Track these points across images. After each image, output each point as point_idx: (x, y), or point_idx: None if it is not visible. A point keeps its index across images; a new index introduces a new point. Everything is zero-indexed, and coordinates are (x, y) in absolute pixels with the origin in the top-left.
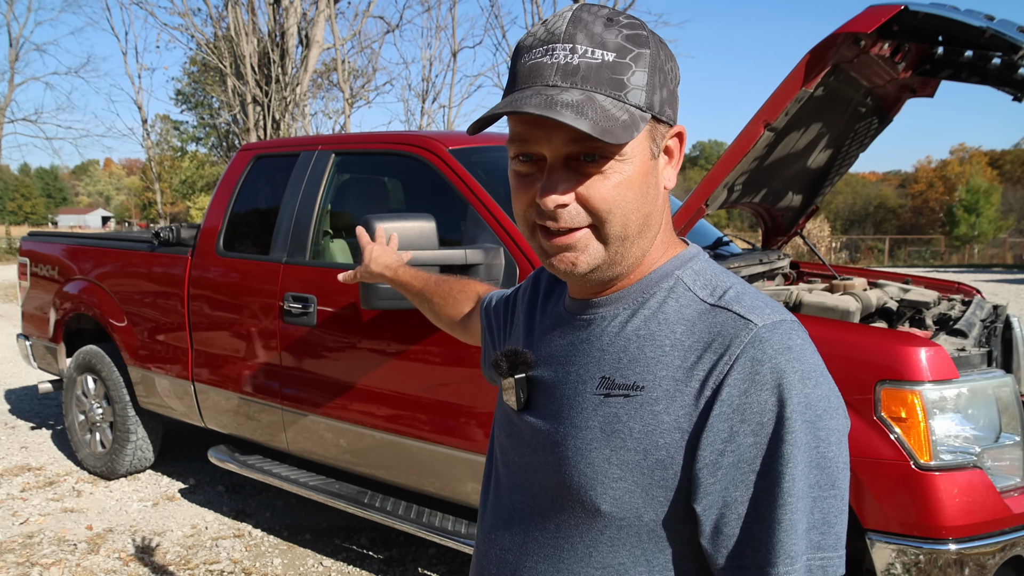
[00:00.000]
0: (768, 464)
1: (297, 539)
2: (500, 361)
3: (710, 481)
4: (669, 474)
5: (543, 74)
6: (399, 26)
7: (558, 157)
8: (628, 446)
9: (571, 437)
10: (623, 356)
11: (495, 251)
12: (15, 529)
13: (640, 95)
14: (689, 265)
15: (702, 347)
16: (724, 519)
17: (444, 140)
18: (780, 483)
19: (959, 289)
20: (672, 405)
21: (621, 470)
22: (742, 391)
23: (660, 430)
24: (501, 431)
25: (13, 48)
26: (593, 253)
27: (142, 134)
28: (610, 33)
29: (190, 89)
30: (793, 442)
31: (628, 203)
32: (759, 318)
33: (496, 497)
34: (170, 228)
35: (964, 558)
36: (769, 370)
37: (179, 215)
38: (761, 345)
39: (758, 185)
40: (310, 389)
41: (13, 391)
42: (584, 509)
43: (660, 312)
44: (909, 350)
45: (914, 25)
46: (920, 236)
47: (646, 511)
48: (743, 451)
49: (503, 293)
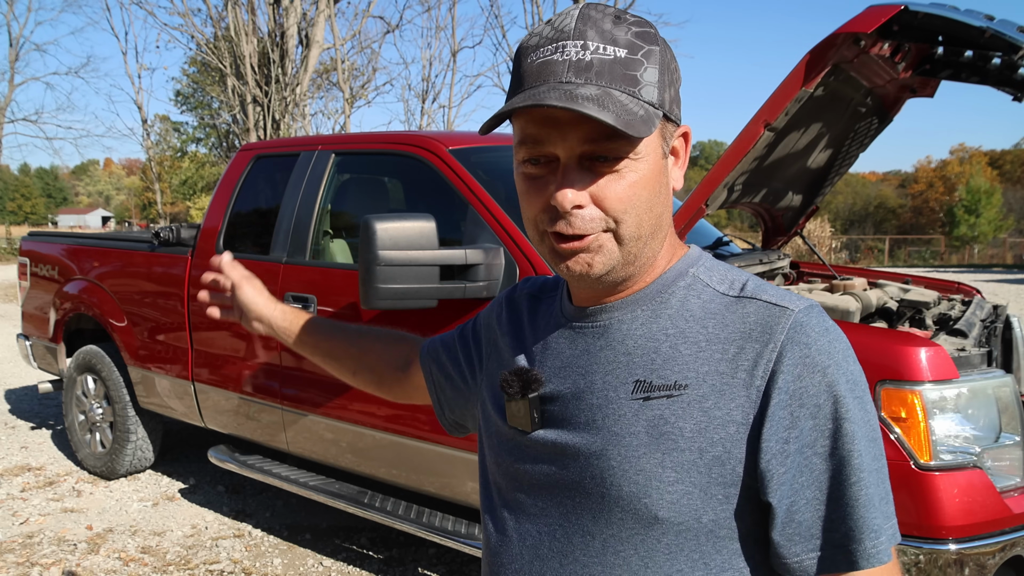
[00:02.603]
0: (834, 445)
1: (297, 539)
2: (510, 383)
3: (780, 471)
4: (727, 469)
5: (555, 71)
6: (399, 26)
7: (572, 157)
8: (681, 447)
9: (613, 446)
10: (655, 357)
11: (495, 251)
12: (15, 529)
13: (653, 92)
14: (700, 263)
15: (740, 337)
16: (796, 506)
17: (444, 140)
18: (851, 461)
19: (959, 289)
20: (722, 399)
21: (676, 472)
22: (796, 376)
23: (713, 426)
24: (507, 457)
25: (13, 48)
26: (608, 254)
27: (142, 134)
28: (620, 30)
29: (189, 90)
30: (852, 419)
31: (642, 203)
32: (791, 304)
33: (517, 527)
34: (170, 228)
35: (964, 558)
36: (817, 352)
37: (179, 215)
38: (804, 329)
39: (758, 185)
40: (310, 389)
41: (13, 391)
42: (637, 519)
43: (685, 309)
44: (909, 350)
45: (914, 25)
46: (920, 236)
47: (705, 511)
48: (805, 435)
49: (446, 336)
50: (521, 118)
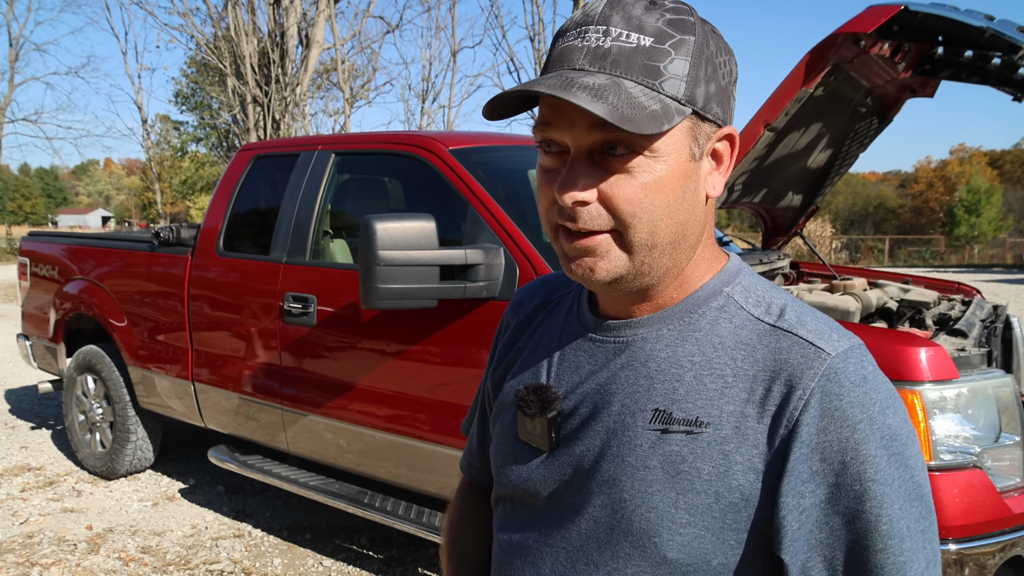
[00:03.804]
0: (858, 507)
1: (297, 539)
2: (528, 402)
3: (795, 527)
4: (742, 516)
5: (571, 57)
6: (399, 26)
7: (581, 148)
8: (697, 488)
9: (626, 477)
10: (678, 386)
11: (495, 251)
12: (15, 529)
13: (679, 86)
14: (737, 281)
15: (768, 377)
16: (811, 563)
17: (444, 140)
18: (878, 527)
19: (959, 289)
20: (744, 444)
21: (690, 515)
22: (820, 428)
23: (733, 471)
24: (514, 471)
25: (13, 48)
26: (614, 261)
27: (142, 134)
28: (650, 16)
29: (189, 90)
30: (883, 480)
31: (657, 207)
32: (829, 345)
33: (522, 541)
34: (170, 228)
35: (964, 558)
36: (848, 404)
37: (179, 215)
38: (837, 378)
39: (758, 185)
40: (310, 389)
41: (13, 391)
42: (645, 557)
43: (714, 335)
44: (909, 350)
45: (914, 25)
46: (920, 236)
47: (715, 555)
48: (824, 492)
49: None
50: (540, 103)
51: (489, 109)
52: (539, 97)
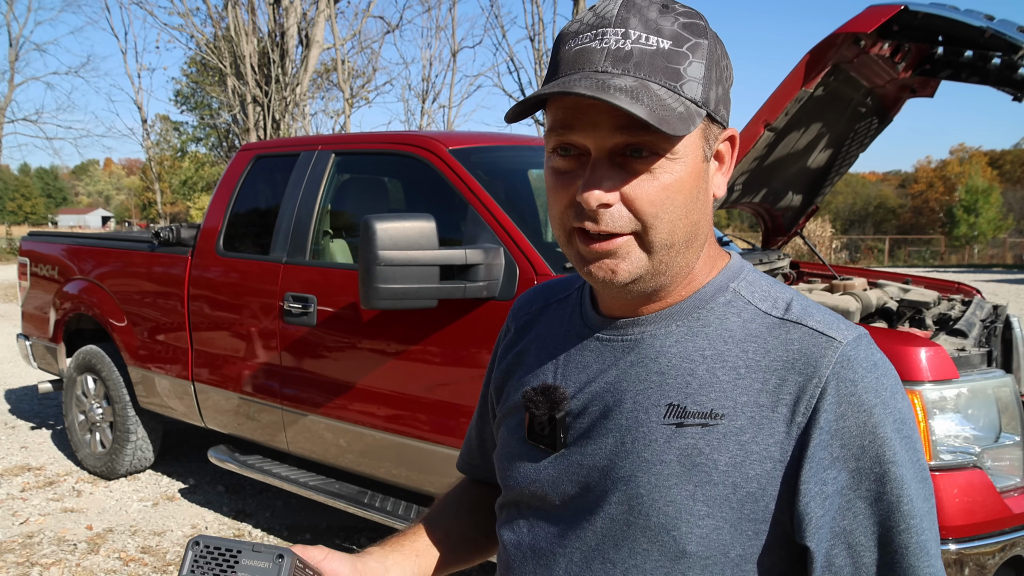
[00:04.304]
0: (880, 489)
1: (297, 539)
2: (536, 402)
3: (819, 513)
4: (760, 506)
5: (591, 59)
6: (399, 26)
7: (603, 150)
8: (715, 480)
9: (643, 472)
10: (691, 380)
11: (495, 251)
12: (15, 529)
13: (697, 88)
14: (742, 277)
15: (782, 367)
16: (835, 550)
17: (444, 140)
18: (900, 507)
19: (959, 289)
20: (760, 434)
21: (708, 506)
22: (838, 415)
23: (750, 461)
24: (523, 473)
25: (13, 48)
26: (635, 261)
27: (142, 134)
28: (666, 20)
29: (189, 90)
30: (900, 462)
31: (676, 207)
32: (839, 334)
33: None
34: (170, 228)
35: (964, 558)
36: (864, 390)
37: (179, 215)
38: (851, 364)
39: (758, 185)
40: (310, 389)
41: (13, 391)
42: (664, 551)
43: (724, 329)
44: (909, 350)
45: (914, 25)
46: (920, 236)
47: (733, 546)
48: (847, 478)
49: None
50: (552, 106)
51: (515, 113)
52: (548, 100)
